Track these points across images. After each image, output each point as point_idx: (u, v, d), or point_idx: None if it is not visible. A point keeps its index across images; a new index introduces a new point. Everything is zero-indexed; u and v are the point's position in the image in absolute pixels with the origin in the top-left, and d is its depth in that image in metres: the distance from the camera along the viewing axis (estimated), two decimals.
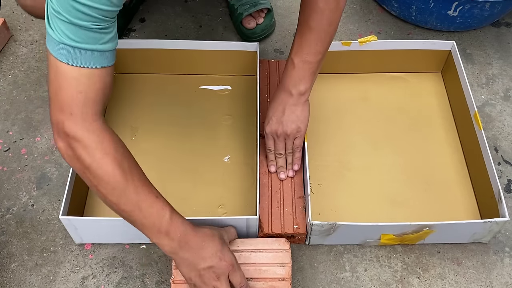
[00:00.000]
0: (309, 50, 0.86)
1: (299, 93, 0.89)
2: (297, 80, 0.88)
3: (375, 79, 1.14)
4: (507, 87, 1.17)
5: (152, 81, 1.13)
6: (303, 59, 0.87)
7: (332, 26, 0.85)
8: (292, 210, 0.91)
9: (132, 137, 1.04)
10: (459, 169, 1.00)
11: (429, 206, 0.95)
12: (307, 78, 0.88)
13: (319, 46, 0.86)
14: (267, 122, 0.93)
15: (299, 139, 0.93)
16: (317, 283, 0.88)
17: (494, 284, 0.89)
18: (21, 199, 0.97)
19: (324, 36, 0.85)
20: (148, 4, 1.32)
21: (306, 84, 0.88)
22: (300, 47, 0.87)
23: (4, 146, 1.05)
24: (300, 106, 0.90)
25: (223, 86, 1.12)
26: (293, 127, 0.90)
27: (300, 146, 0.94)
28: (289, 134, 0.91)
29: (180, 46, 1.08)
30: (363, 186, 0.98)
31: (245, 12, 1.20)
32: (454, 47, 1.08)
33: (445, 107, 1.10)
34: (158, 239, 0.72)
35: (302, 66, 0.87)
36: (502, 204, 0.85)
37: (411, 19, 1.26)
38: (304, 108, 0.90)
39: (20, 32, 1.25)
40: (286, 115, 0.90)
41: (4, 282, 0.87)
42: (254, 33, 1.21)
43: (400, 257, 0.91)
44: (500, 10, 1.17)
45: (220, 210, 0.94)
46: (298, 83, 0.88)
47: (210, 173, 0.99)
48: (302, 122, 0.91)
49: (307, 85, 0.88)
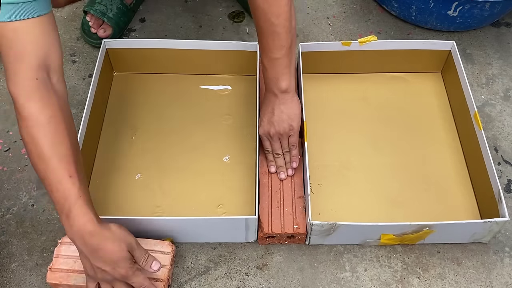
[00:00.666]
0: (271, 48, 0.86)
1: (282, 91, 0.89)
2: (274, 80, 0.88)
3: (375, 79, 1.14)
4: (507, 87, 1.17)
5: (152, 81, 1.13)
6: (270, 58, 0.87)
7: (281, 17, 0.83)
8: (292, 210, 0.91)
9: (132, 136, 1.04)
10: (459, 169, 1.00)
11: (429, 206, 0.95)
12: (284, 74, 0.88)
13: (277, 40, 0.85)
14: (259, 125, 0.93)
15: (293, 137, 0.93)
16: (317, 283, 0.88)
17: (494, 284, 0.89)
18: (21, 199, 0.97)
19: (277, 29, 0.84)
20: (148, 4, 1.32)
21: (284, 81, 0.88)
22: (263, 48, 0.88)
23: (4, 146, 1.05)
24: (288, 104, 0.90)
25: (223, 86, 1.12)
26: (285, 126, 0.91)
27: (296, 144, 0.94)
28: (282, 133, 0.91)
29: (180, 46, 1.08)
30: (363, 186, 0.98)
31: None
32: (454, 47, 1.08)
33: (445, 107, 1.10)
34: (61, 218, 0.73)
35: (272, 65, 0.87)
36: (502, 204, 0.85)
37: (411, 19, 1.26)
38: (293, 105, 0.90)
39: None
40: (276, 115, 0.90)
41: (4, 282, 0.87)
42: None
43: (400, 257, 0.91)
44: (500, 10, 1.17)
45: (219, 210, 0.94)
46: (276, 82, 0.88)
47: (209, 173, 0.99)
48: (293, 120, 0.91)
49: (286, 81, 0.88)
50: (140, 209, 0.94)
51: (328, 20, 1.30)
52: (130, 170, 0.99)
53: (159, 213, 0.93)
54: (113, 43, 1.07)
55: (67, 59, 1.19)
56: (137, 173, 0.98)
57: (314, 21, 1.29)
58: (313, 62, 1.09)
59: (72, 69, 1.17)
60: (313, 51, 1.08)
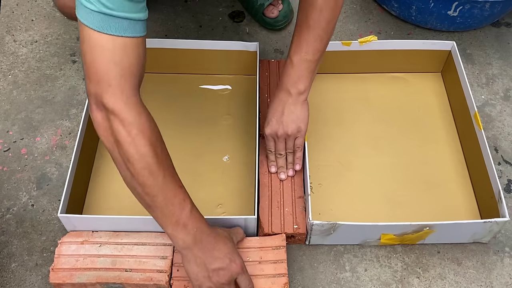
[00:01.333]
0: (308, 49, 0.86)
1: (298, 92, 0.88)
2: (296, 79, 0.88)
3: (375, 79, 1.14)
4: (507, 87, 1.17)
5: (152, 81, 1.13)
6: (302, 58, 0.86)
7: (330, 24, 0.85)
8: (292, 210, 0.91)
9: None
10: (459, 169, 1.00)
11: (429, 206, 0.95)
12: (306, 77, 0.88)
13: (318, 44, 0.86)
14: (267, 124, 0.92)
15: (300, 139, 0.92)
16: (317, 283, 0.88)
17: (494, 284, 0.88)
18: (21, 199, 0.97)
19: (322, 34, 0.85)
20: (148, 4, 1.31)
21: (305, 83, 0.88)
22: (299, 46, 0.86)
23: (4, 146, 1.05)
24: (299, 105, 0.89)
25: (223, 85, 1.12)
26: (294, 127, 0.90)
27: (302, 146, 0.93)
28: (290, 134, 0.91)
29: (180, 45, 1.08)
30: (363, 186, 0.98)
31: (266, 2, 1.22)
32: (454, 47, 1.08)
33: (445, 107, 1.10)
34: (175, 231, 0.72)
35: (301, 65, 0.87)
36: (502, 204, 0.85)
37: (411, 19, 1.26)
38: (303, 107, 0.90)
39: (20, 32, 1.25)
40: (286, 115, 0.90)
41: (4, 282, 0.87)
42: (278, 21, 1.24)
43: (400, 257, 0.91)
44: (500, 10, 1.17)
45: (219, 210, 0.94)
46: (297, 82, 0.88)
47: (209, 173, 0.99)
48: (302, 122, 0.90)
49: (306, 84, 0.88)
50: (140, 209, 0.94)
51: None
52: None
53: None
54: None
55: (67, 59, 1.19)
56: None
57: None
58: None
59: (72, 69, 1.17)
60: None
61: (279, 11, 1.24)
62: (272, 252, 0.84)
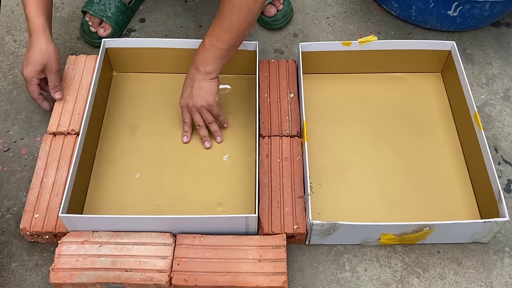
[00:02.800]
0: (218, 37, 0.91)
1: (206, 72, 0.94)
2: (204, 61, 0.94)
3: (375, 79, 1.14)
4: (507, 87, 1.17)
5: (152, 80, 1.13)
6: (212, 43, 0.92)
7: (243, 22, 0.90)
8: (292, 210, 0.91)
9: (131, 135, 1.04)
10: (459, 169, 1.00)
11: (429, 206, 0.95)
12: (214, 61, 0.93)
13: (228, 36, 0.91)
14: (181, 97, 0.99)
15: (212, 112, 0.98)
16: (317, 283, 0.88)
17: (494, 284, 0.88)
18: (21, 199, 0.97)
19: (234, 28, 0.91)
20: (148, 4, 1.32)
21: (213, 66, 0.94)
22: (213, 31, 0.92)
23: (4, 146, 1.05)
24: (207, 81, 0.95)
25: (223, 85, 1.12)
26: (202, 100, 0.96)
27: (212, 120, 0.99)
28: (199, 107, 0.97)
29: (180, 45, 1.08)
30: (363, 186, 0.98)
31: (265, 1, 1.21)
32: (454, 47, 1.08)
33: (445, 107, 1.10)
34: None
35: (211, 49, 0.93)
36: (502, 204, 0.85)
37: (411, 19, 1.26)
38: (212, 84, 0.96)
39: (20, 32, 1.25)
40: (195, 90, 0.96)
41: (4, 282, 0.87)
42: (276, 20, 1.24)
43: (400, 257, 0.91)
44: (500, 10, 1.17)
45: (219, 209, 0.94)
46: (206, 63, 0.94)
47: (209, 172, 0.99)
48: (210, 95, 0.96)
49: (213, 67, 0.94)
50: (140, 208, 0.94)
51: (328, 20, 1.30)
52: (129, 169, 0.99)
53: (159, 212, 0.93)
54: (112, 42, 1.07)
55: None
56: (137, 173, 0.98)
57: (314, 21, 1.29)
58: (313, 62, 1.09)
59: None
60: (313, 51, 1.08)
61: (279, 11, 1.24)
62: (272, 251, 0.85)
